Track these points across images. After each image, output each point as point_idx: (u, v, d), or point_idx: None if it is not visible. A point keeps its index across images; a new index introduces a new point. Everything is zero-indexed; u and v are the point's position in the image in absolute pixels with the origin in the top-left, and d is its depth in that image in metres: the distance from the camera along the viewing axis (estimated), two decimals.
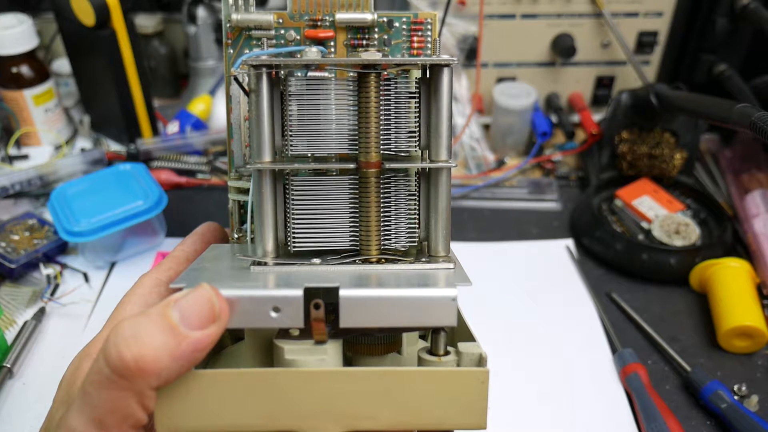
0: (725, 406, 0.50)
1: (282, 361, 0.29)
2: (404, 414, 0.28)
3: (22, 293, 0.59)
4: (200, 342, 0.26)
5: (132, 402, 0.26)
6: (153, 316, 0.26)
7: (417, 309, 0.28)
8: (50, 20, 0.82)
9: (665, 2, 0.78)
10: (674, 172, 0.70)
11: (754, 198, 0.67)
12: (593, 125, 0.77)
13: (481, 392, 0.28)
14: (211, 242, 0.39)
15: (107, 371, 0.26)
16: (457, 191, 0.74)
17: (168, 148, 0.77)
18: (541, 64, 0.81)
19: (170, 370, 0.26)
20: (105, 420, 0.26)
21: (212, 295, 0.27)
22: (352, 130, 0.33)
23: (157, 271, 0.35)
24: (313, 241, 0.33)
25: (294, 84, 0.33)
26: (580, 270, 0.64)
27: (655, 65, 0.82)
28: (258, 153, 0.32)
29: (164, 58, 0.86)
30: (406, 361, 0.33)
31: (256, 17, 0.38)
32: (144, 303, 0.33)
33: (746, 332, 0.55)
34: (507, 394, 0.52)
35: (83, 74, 0.79)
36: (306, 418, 0.28)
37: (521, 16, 0.77)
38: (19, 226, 0.64)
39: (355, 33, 0.39)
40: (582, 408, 0.52)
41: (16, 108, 0.76)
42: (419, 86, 0.33)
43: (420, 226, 0.34)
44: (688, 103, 0.65)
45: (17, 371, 0.52)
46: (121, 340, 0.26)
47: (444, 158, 0.33)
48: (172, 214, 0.66)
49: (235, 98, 0.38)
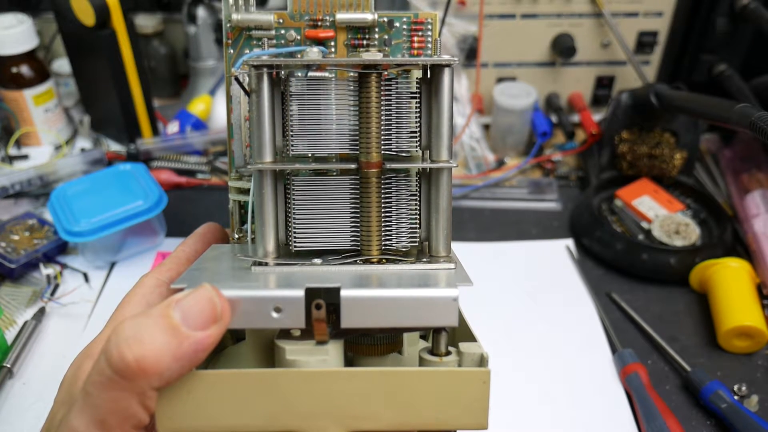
0: (725, 406, 0.50)
1: (283, 361, 0.29)
2: (405, 414, 0.28)
3: (22, 293, 0.59)
4: (202, 342, 0.26)
5: (133, 402, 0.26)
6: (154, 316, 0.26)
7: (418, 309, 0.28)
8: (50, 20, 0.82)
9: (665, 2, 0.78)
10: (674, 172, 0.70)
11: (754, 198, 0.67)
12: (593, 125, 0.77)
13: (483, 392, 0.28)
14: (212, 242, 0.39)
15: (109, 372, 0.26)
16: (457, 191, 0.74)
17: (168, 148, 0.77)
18: (541, 64, 0.81)
19: (172, 371, 0.26)
20: (106, 420, 0.26)
21: (214, 295, 0.27)
22: (353, 131, 0.33)
23: (158, 272, 0.35)
24: (314, 241, 0.33)
25: (295, 84, 0.32)
26: (580, 270, 0.64)
27: (655, 65, 0.83)
28: (259, 153, 0.32)
29: (164, 58, 0.86)
30: (407, 362, 0.33)
31: (256, 17, 0.38)
32: (145, 303, 0.33)
33: (746, 332, 0.55)
34: (507, 394, 0.52)
35: (83, 74, 0.79)
36: (307, 419, 0.28)
37: (521, 16, 0.77)
38: (19, 226, 0.64)
39: (356, 33, 0.39)
40: (582, 408, 0.52)
41: (16, 108, 0.76)
42: (420, 86, 0.33)
43: (421, 226, 0.34)
44: (688, 103, 0.65)
45: (17, 371, 0.52)
46: (122, 340, 0.26)
47: (445, 158, 0.33)
48: (172, 214, 0.66)
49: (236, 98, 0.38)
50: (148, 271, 0.35)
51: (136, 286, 0.34)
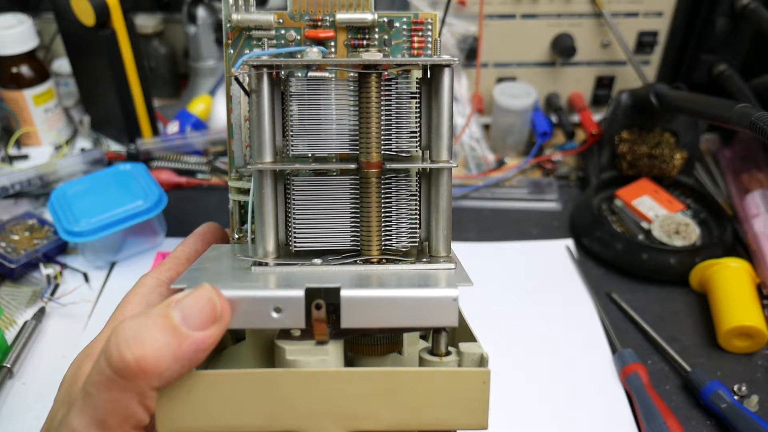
0: (725, 406, 0.50)
1: (283, 361, 0.29)
2: (405, 414, 0.28)
3: (22, 293, 0.59)
4: (202, 342, 0.26)
5: (133, 402, 0.26)
6: (154, 316, 0.26)
7: (418, 309, 0.28)
8: (50, 20, 0.82)
9: (665, 2, 0.78)
10: (674, 172, 0.70)
11: (754, 198, 0.67)
12: (593, 125, 0.77)
13: (483, 392, 0.28)
14: (212, 242, 0.39)
15: (109, 372, 0.26)
16: (457, 191, 0.74)
17: (168, 148, 0.77)
18: (541, 64, 0.81)
19: (172, 371, 0.26)
20: (106, 421, 0.26)
21: (213, 295, 0.27)
22: (353, 131, 0.33)
23: (158, 272, 0.35)
24: (314, 241, 0.33)
25: (295, 84, 0.32)
26: (580, 270, 0.64)
27: (655, 65, 0.82)
28: (259, 153, 0.32)
29: (164, 58, 0.86)
30: (407, 362, 0.33)
31: (256, 17, 0.38)
32: (145, 303, 0.33)
33: (746, 332, 0.55)
34: (507, 394, 0.52)
35: (83, 74, 0.79)
36: (307, 419, 0.28)
37: (521, 16, 0.77)
38: (19, 226, 0.64)
39: (356, 33, 0.39)
40: (582, 408, 0.52)
41: (16, 108, 0.76)
42: (420, 86, 0.33)
43: (421, 226, 0.34)
44: (688, 103, 0.65)
45: (17, 371, 0.52)
46: (122, 340, 0.26)
47: (445, 158, 0.33)
48: (172, 214, 0.66)
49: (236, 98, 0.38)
50: (148, 271, 0.35)
51: (135, 286, 0.34)
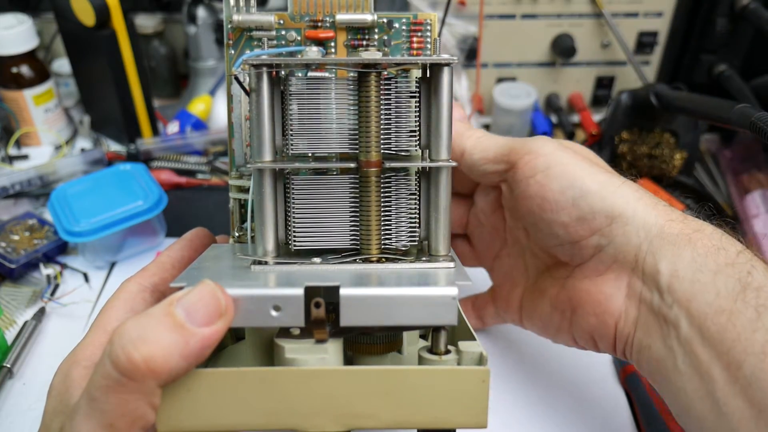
0: None
1: (283, 360, 0.29)
2: (404, 413, 0.28)
3: (22, 293, 0.59)
4: (209, 338, 0.26)
5: (142, 404, 0.26)
6: (157, 315, 0.26)
7: (417, 308, 0.28)
8: (50, 20, 0.82)
9: (665, 2, 0.78)
10: (674, 172, 0.70)
11: (754, 198, 0.67)
12: (593, 125, 0.77)
13: (482, 391, 0.28)
14: (200, 249, 0.38)
15: (115, 375, 0.25)
16: None
17: (168, 148, 0.77)
18: (541, 65, 0.81)
19: (180, 369, 0.26)
20: (116, 424, 0.26)
21: (216, 290, 0.27)
22: (353, 130, 0.33)
23: (141, 277, 0.35)
24: (314, 240, 0.33)
25: (294, 83, 0.33)
26: None
27: (655, 65, 0.83)
28: (258, 152, 0.32)
29: (164, 58, 0.86)
30: (406, 360, 0.34)
31: (257, 18, 0.38)
32: (129, 308, 0.33)
33: None
34: (507, 393, 0.52)
35: (83, 74, 0.79)
36: (307, 417, 0.28)
37: (521, 16, 0.77)
38: (19, 226, 0.64)
39: (356, 34, 0.39)
40: (582, 408, 0.52)
41: (16, 108, 0.76)
42: (419, 86, 0.33)
43: (420, 225, 0.34)
44: (688, 103, 0.65)
45: (17, 371, 0.52)
46: (127, 341, 0.25)
47: (444, 157, 0.33)
48: (172, 214, 0.66)
49: (236, 98, 0.38)
50: (131, 276, 0.35)
51: (118, 291, 0.34)
